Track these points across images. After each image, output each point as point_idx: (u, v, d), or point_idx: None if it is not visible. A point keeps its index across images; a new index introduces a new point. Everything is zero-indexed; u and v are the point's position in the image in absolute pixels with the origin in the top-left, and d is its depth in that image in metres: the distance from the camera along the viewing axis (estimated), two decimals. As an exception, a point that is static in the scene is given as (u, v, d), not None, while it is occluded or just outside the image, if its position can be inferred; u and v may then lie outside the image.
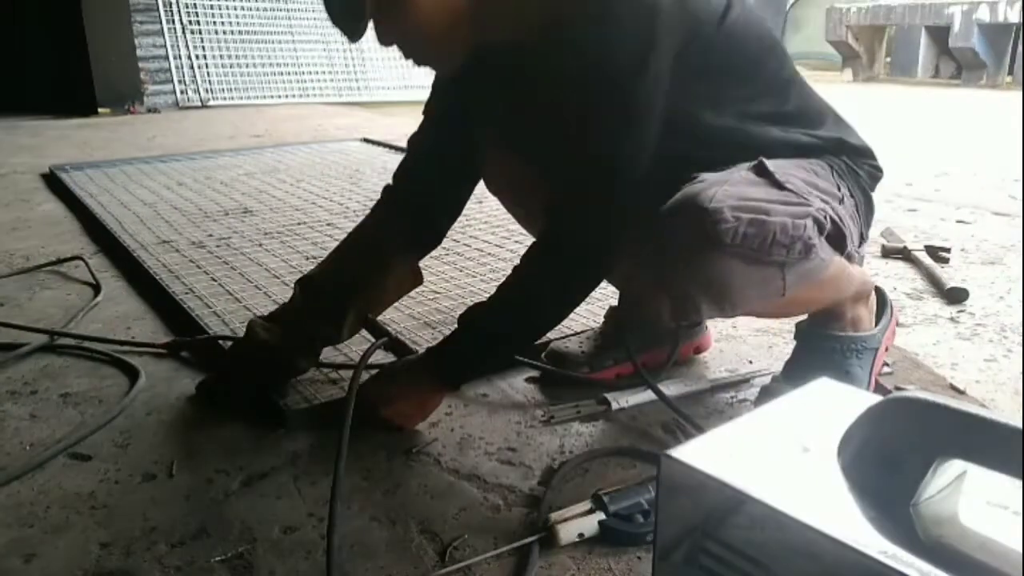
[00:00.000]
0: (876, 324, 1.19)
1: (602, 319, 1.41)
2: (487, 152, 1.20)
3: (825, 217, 0.99)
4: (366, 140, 3.99)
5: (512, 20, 1.03)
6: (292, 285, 1.24)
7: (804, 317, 1.20)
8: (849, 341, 1.14)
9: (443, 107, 1.23)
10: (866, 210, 1.14)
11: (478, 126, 1.19)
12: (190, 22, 5.84)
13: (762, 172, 0.99)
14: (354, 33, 0.97)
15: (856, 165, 1.13)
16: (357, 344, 1.34)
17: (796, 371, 1.16)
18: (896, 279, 1.82)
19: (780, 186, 0.98)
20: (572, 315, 1.55)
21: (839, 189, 1.08)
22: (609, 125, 0.97)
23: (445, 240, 1.32)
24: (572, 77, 0.98)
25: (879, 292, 1.23)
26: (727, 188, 0.94)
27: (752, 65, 1.07)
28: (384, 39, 1.00)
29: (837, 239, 1.02)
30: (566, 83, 0.99)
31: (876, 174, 1.16)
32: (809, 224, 0.96)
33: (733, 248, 0.92)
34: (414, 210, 1.25)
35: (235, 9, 6.00)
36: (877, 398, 0.61)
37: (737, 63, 1.05)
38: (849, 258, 1.10)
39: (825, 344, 1.15)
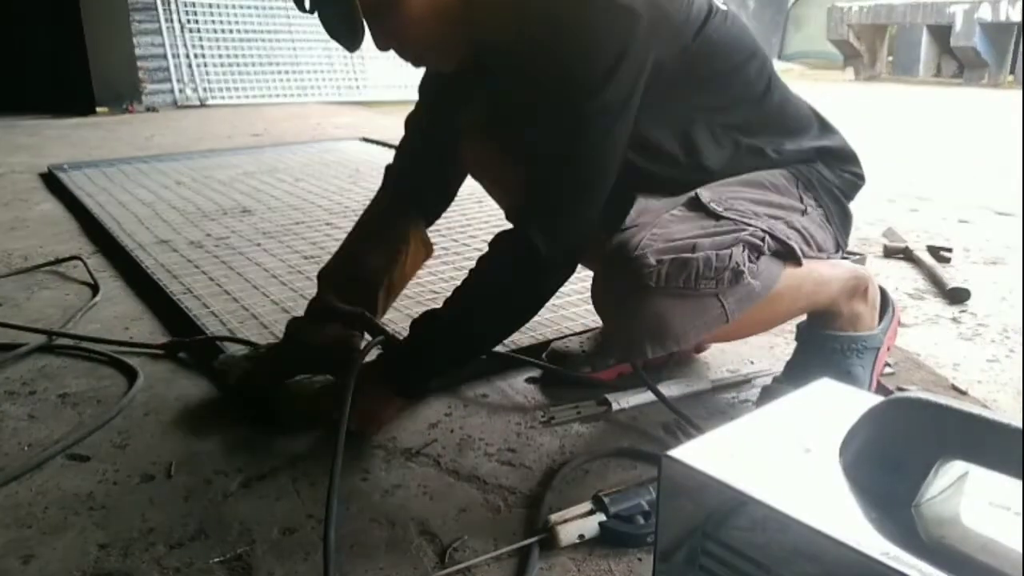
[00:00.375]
0: (879, 323, 1.19)
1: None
2: (466, 137, 1.21)
3: (763, 238, 0.99)
4: (365, 139, 3.99)
5: (497, 20, 1.04)
6: (289, 284, 1.24)
7: (804, 317, 1.20)
8: (849, 341, 1.14)
9: (434, 88, 1.25)
10: (841, 218, 1.14)
11: (460, 112, 1.21)
12: (189, 21, 5.84)
13: (695, 206, 1.00)
14: (352, 44, 1.00)
15: (833, 173, 1.13)
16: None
17: (797, 371, 1.16)
18: (898, 279, 1.82)
19: (716, 216, 0.99)
20: (572, 315, 1.57)
21: (802, 200, 1.08)
22: (577, 129, 0.98)
23: (445, 240, 1.34)
24: (543, 79, 0.99)
25: (881, 290, 1.22)
26: (655, 231, 0.96)
27: (728, 75, 1.07)
28: (381, 44, 1.02)
29: (787, 253, 1.02)
30: (539, 84, 1.01)
31: (856, 182, 1.16)
32: (736, 251, 0.96)
33: (659, 289, 0.93)
34: (412, 186, 1.28)
35: (234, 8, 6.00)
36: (878, 399, 0.61)
37: (712, 73, 1.05)
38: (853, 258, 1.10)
39: (825, 344, 1.14)
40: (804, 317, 1.20)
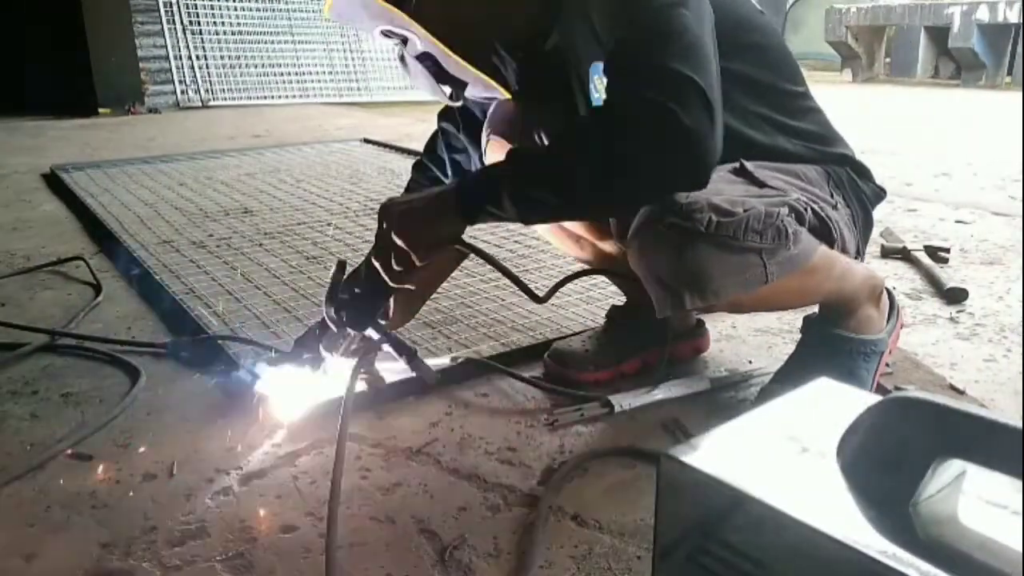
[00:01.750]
0: (886, 326, 1.19)
1: (603, 319, 1.41)
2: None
3: (805, 208, 1.00)
4: (366, 140, 3.99)
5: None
6: (291, 284, 1.23)
7: (814, 309, 1.21)
8: (859, 344, 1.14)
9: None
10: (864, 225, 1.15)
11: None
12: (191, 22, 5.84)
13: (741, 173, 1.01)
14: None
15: (862, 180, 1.15)
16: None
17: (799, 366, 1.16)
18: (895, 279, 1.82)
19: (759, 184, 1.00)
20: (572, 315, 1.57)
21: (832, 196, 1.09)
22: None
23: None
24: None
25: (889, 294, 1.23)
26: None
27: (769, 73, 1.09)
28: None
29: (823, 232, 1.03)
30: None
31: (880, 194, 1.18)
32: (783, 211, 0.97)
33: (708, 236, 0.93)
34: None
35: (235, 9, 6.00)
36: (876, 398, 0.61)
37: (757, 65, 1.06)
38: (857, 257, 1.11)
39: (834, 343, 1.15)
40: (814, 310, 1.20)
